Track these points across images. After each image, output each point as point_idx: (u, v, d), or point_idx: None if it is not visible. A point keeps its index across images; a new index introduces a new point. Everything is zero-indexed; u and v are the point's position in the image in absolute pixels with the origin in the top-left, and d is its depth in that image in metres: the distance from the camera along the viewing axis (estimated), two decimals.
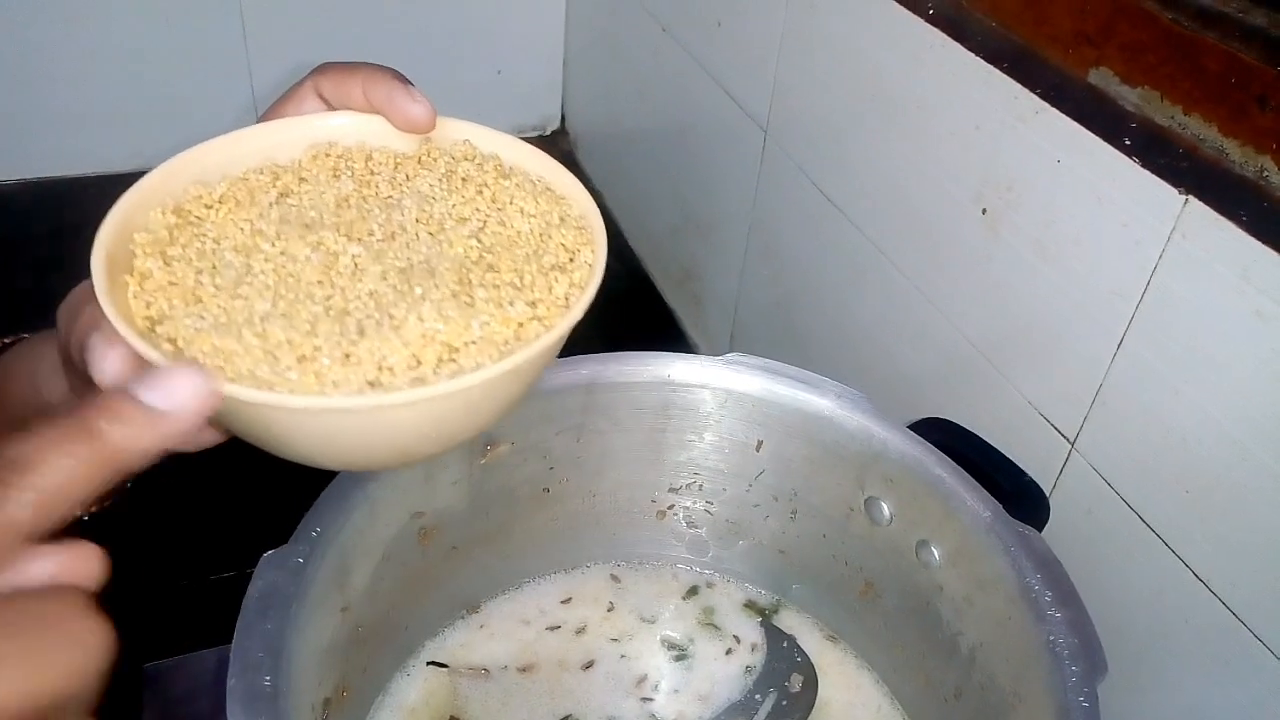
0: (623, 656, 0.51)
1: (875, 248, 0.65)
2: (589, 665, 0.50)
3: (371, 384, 0.29)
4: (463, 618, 0.52)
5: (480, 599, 0.53)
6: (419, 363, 0.29)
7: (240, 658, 0.35)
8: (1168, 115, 0.45)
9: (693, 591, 0.55)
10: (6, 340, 0.46)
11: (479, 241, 0.34)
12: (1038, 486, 0.46)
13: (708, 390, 0.48)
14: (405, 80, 0.36)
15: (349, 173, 0.36)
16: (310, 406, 0.28)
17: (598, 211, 0.35)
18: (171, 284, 0.30)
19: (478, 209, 0.35)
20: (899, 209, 0.63)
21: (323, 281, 0.31)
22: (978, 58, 0.54)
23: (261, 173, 0.35)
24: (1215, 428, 0.44)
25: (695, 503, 0.53)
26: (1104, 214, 0.48)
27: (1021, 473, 0.46)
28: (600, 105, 1.15)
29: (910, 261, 0.63)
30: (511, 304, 0.31)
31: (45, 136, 1.06)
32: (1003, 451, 0.47)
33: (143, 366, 0.28)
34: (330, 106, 0.37)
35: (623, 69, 1.06)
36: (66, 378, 0.38)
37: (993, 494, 0.42)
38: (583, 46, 1.16)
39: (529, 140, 0.39)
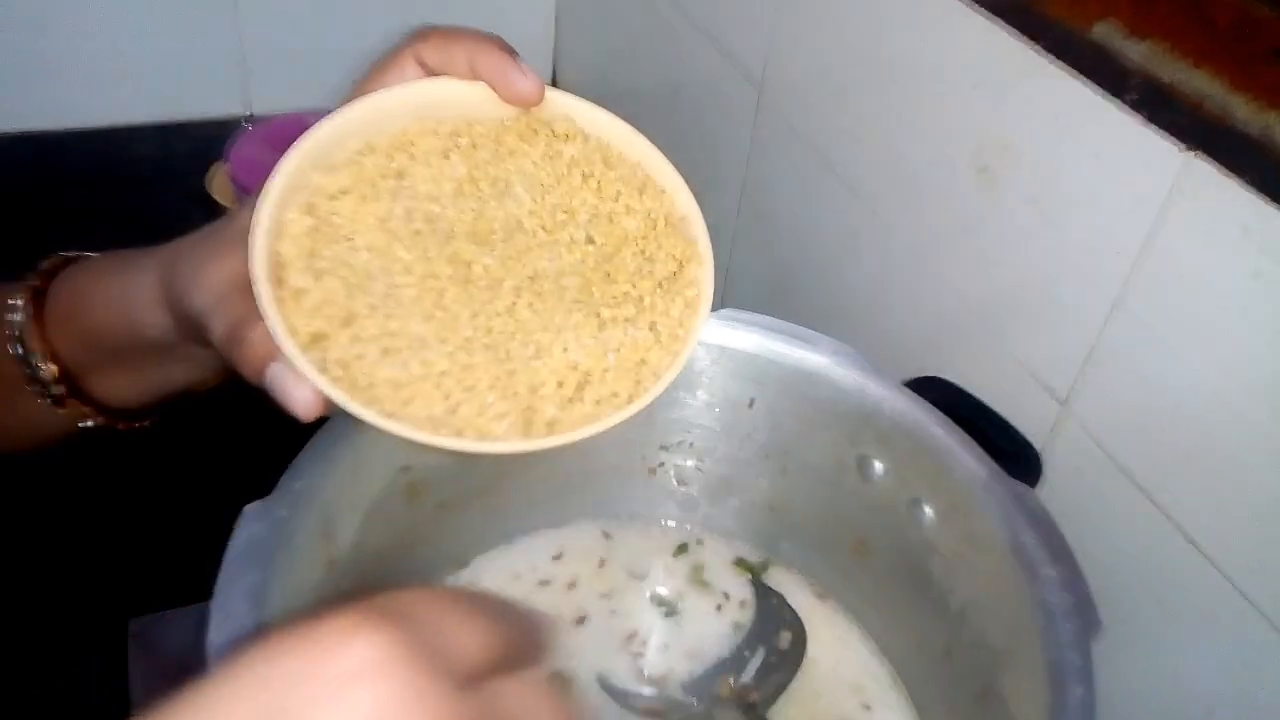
0: (613, 612, 0.51)
1: (869, 208, 0.65)
2: (581, 620, 0.50)
3: (526, 410, 0.33)
4: (452, 573, 0.52)
5: (470, 555, 0.52)
6: (560, 385, 0.34)
7: (221, 609, 0.34)
8: (1173, 70, 0.44)
9: (683, 549, 0.54)
10: (44, 265, 0.45)
11: (593, 243, 0.36)
12: (1033, 447, 0.46)
13: (701, 346, 0.47)
14: (512, 51, 0.37)
15: (457, 149, 0.37)
16: (499, 451, 0.32)
17: (699, 212, 0.38)
18: (327, 301, 0.33)
19: (585, 200, 0.37)
20: (894, 168, 0.62)
21: (461, 297, 0.34)
22: (978, 11, 0.53)
23: (375, 153, 0.36)
24: (1210, 389, 0.44)
25: (686, 460, 0.53)
26: (1104, 172, 0.47)
27: (1016, 432, 0.45)
28: (592, 63, 1.14)
29: (905, 222, 0.62)
30: (637, 327, 0.35)
31: (23, 89, 1.03)
32: (997, 411, 0.46)
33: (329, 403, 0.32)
34: (431, 73, 0.37)
35: (616, 26, 1.04)
36: (175, 326, 0.40)
37: (988, 453, 0.42)
38: (575, 2, 1.14)
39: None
